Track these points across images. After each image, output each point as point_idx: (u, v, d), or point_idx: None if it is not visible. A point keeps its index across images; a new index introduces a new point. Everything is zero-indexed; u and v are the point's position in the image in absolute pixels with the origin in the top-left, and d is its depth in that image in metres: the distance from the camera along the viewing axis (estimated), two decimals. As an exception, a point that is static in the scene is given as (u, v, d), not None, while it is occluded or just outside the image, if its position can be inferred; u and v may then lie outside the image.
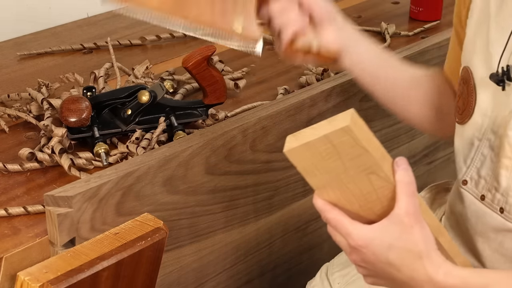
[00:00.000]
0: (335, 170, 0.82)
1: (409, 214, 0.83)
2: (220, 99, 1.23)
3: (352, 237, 0.84)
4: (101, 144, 1.15)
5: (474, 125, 1.00)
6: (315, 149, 0.81)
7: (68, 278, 0.91)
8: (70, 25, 1.60)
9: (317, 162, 0.82)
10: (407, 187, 0.83)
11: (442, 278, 0.84)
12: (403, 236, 0.83)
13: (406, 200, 0.83)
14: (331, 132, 0.80)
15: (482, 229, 1.00)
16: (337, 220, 0.85)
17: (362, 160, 0.81)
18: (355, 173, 0.82)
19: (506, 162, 0.95)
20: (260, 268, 1.32)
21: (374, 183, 0.83)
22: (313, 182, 0.85)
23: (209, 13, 0.96)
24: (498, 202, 0.97)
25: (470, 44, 1.02)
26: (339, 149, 0.80)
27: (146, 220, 1.03)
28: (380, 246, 0.84)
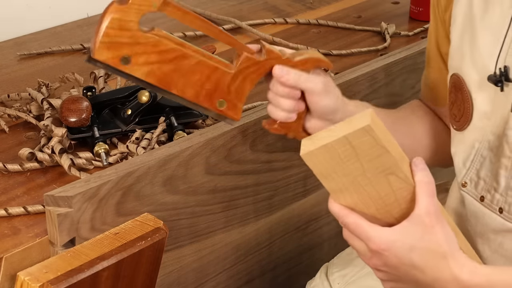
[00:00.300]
0: (353, 172, 0.82)
1: (430, 214, 0.83)
2: (220, 99, 1.23)
3: (373, 240, 0.83)
4: (101, 144, 1.15)
5: (474, 129, 1.00)
6: (333, 151, 0.80)
7: (68, 278, 0.91)
8: (70, 25, 1.60)
9: (334, 164, 0.81)
10: (427, 187, 0.83)
11: (467, 277, 0.83)
12: (425, 236, 0.83)
13: (426, 200, 0.82)
14: (351, 132, 0.79)
15: (481, 230, 1.00)
16: (356, 224, 0.84)
17: (381, 160, 0.80)
18: (374, 174, 0.82)
19: (505, 161, 0.95)
20: (260, 268, 1.32)
21: (392, 185, 0.82)
22: (330, 186, 0.84)
23: (194, 91, 0.95)
24: (497, 202, 0.97)
25: (457, 51, 1.02)
26: (358, 150, 0.80)
27: (146, 220, 1.03)
28: (403, 248, 0.83)
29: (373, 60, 1.39)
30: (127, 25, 0.89)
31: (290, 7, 1.70)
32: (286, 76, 0.96)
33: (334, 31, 1.60)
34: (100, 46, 0.88)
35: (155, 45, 0.91)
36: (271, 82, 0.98)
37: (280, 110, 0.98)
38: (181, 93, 0.94)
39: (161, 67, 0.92)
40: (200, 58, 0.94)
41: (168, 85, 0.93)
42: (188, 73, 0.94)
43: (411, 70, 1.42)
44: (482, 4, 0.98)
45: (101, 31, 0.88)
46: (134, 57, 0.90)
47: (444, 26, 1.07)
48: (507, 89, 0.94)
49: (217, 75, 0.96)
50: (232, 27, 1.58)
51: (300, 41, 1.52)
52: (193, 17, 0.93)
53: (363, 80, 1.33)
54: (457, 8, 1.03)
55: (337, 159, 0.81)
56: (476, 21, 0.99)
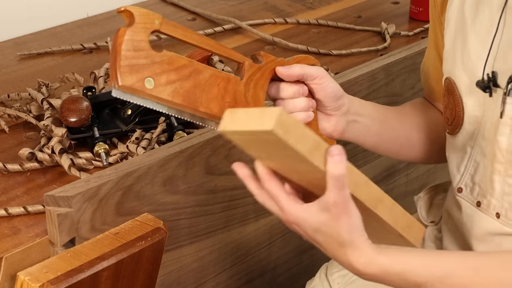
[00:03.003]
0: (270, 151, 0.83)
1: (337, 205, 0.83)
2: (220, 99, 1.23)
3: (284, 212, 0.86)
4: (101, 144, 1.15)
5: (466, 134, 1.01)
6: (248, 137, 0.82)
7: (68, 278, 0.91)
8: (70, 25, 1.60)
9: (251, 143, 0.84)
10: (336, 180, 0.82)
11: (362, 267, 0.86)
12: (329, 223, 0.85)
13: (334, 192, 0.83)
14: (258, 130, 0.79)
15: (478, 233, 1.01)
16: (274, 193, 0.86)
17: (292, 154, 0.81)
18: (288, 158, 0.83)
19: (498, 167, 0.95)
20: (260, 268, 1.32)
21: (306, 169, 0.84)
22: (252, 154, 0.86)
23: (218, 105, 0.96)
24: (494, 207, 0.97)
25: (450, 54, 1.02)
26: (270, 142, 0.81)
27: (146, 220, 1.03)
28: (309, 227, 0.86)
29: (373, 60, 1.39)
30: (140, 45, 0.89)
31: (290, 7, 1.70)
32: (291, 70, 0.99)
33: (334, 31, 1.60)
34: (123, 70, 0.88)
35: (170, 62, 0.92)
36: (280, 89, 1.00)
37: (297, 112, 1.00)
38: (208, 110, 0.95)
39: (182, 85, 0.92)
40: (212, 70, 0.95)
41: (194, 103, 0.94)
42: (207, 87, 0.94)
43: (411, 70, 1.42)
44: (473, 8, 0.98)
45: (118, 56, 0.88)
46: (156, 77, 0.90)
47: (441, 28, 1.07)
48: (496, 95, 0.94)
49: (232, 86, 0.97)
50: (232, 27, 1.58)
51: (300, 41, 1.52)
52: (191, 33, 0.95)
53: (363, 80, 1.33)
54: (450, 11, 1.03)
55: (253, 143, 0.83)
56: (467, 25, 0.99)
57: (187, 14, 1.66)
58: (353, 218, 0.84)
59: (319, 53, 1.49)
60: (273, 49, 1.52)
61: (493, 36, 0.95)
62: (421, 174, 1.58)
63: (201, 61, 1.19)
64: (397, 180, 1.52)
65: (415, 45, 1.44)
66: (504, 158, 0.94)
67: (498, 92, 0.94)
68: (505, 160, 0.94)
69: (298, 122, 0.80)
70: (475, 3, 0.98)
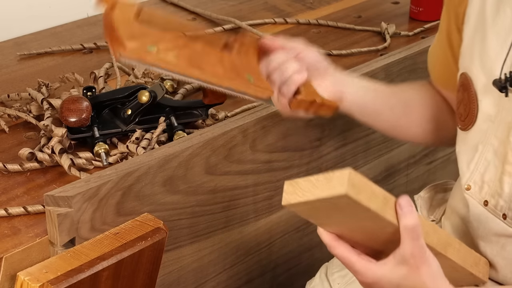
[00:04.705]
0: (338, 215, 0.83)
1: (415, 256, 0.84)
2: (220, 99, 1.23)
3: (360, 274, 0.86)
4: (101, 144, 1.15)
5: (478, 131, 1.00)
6: (315, 206, 0.81)
7: (68, 278, 0.91)
8: (70, 25, 1.60)
9: (318, 213, 0.83)
10: (411, 232, 0.83)
11: None
12: (410, 276, 0.85)
13: (411, 244, 0.84)
14: (329, 196, 0.78)
15: (483, 233, 1.00)
16: (344, 257, 0.86)
17: (364, 214, 0.81)
18: (358, 221, 0.83)
19: (509, 169, 0.95)
20: (260, 268, 1.32)
21: (378, 225, 0.84)
22: (316, 222, 0.86)
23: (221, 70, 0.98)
24: (501, 208, 0.97)
25: (468, 50, 1.02)
26: (340, 207, 0.80)
27: (146, 220, 1.03)
28: (389, 284, 0.85)
29: (373, 60, 1.39)
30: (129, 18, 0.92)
31: (290, 7, 1.70)
32: (275, 40, 1.06)
33: (334, 31, 1.60)
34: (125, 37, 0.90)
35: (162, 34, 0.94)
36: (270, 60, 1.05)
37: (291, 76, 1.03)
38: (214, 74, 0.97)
39: (181, 53, 0.94)
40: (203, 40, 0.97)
41: (199, 66, 0.95)
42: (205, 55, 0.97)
43: (411, 70, 1.42)
44: (494, 7, 0.97)
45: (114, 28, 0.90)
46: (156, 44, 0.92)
47: (457, 20, 1.06)
48: None
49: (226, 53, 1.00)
50: (232, 27, 1.58)
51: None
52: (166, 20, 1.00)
53: (363, 80, 1.33)
54: (471, 7, 1.02)
55: (319, 210, 0.82)
56: (487, 23, 0.98)
57: (187, 14, 1.66)
58: (433, 266, 0.85)
59: (319, 53, 1.49)
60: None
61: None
62: (421, 174, 1.58)
63: None
64: (397, 180, 1.52)
65: (415, 45, 1.43)
66: None
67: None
68: None
69: (366, 180, 0.79)
70: (496, 2, 0.97)
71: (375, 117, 1.14)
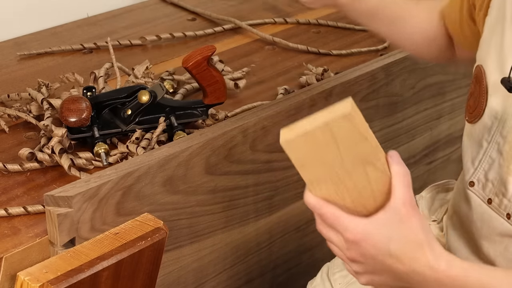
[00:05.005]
0: (332, 161, 0.82)
1: (406, 204, 0.83)
2: (220, 99, 1.23)
3: (350, 230, 0.83)
4: (101, 144, 1.15)
5: (483, 126, 0.99)
6: (313, 138, 0.80)
7: (68, 278, 0.91)
8: (70, 25, 1.60)
9: (314, 153, 0.82)
10: (403, 178, 0.83)
11: (444, 267, 0.83)
12: (402, 226, 0.83)
13: (403, 190, 0.83)
14: (331, 119, 0.79)
15: (487, 233, 1.00)
16: (333, 214, 0.83)
17: (360, 149, 0.81)
18: (352, 164, 0.82)
19: None
20: (260, 268, 1.32)
21: (370, 175, 0.83)
22: (308, 176, 0.84)
23: None
24: (505, 207, 0.96)
25: (486, 43, 1.01)
26: (338, 137, 0.80)
27: (146, 220, 1.03)
28: (380, 238, 0.83)
29: (373, 60, 1.39)
30: None
31: (290, 7, 1.70)
32: None
33: (334, 31, 1.60)
34: None
35: None
36: None
37: None
38: None
39: None
40: None
41: None
42: None
43: (411, 70, 1.42)
44: None
45: None
46: None
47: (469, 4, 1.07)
48: None
49: None
50: (232, 27, 1.58)
51: (300, 41, 1.52)
52: None
53: (363, 80, 1.33)
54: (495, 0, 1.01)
55: (317, 147, 0.81)
56: (506, 19, 0.97)
57: (187, 14, 1.66)
58: (423, 218, 0.84)
59: (319, 53, 1.49)
60: (273, 49, 1.52)
61: None
62: (421, 174, 1.58)
63: (201, 60, 1.19)
64: (397, 180, 1.52)
65: (415, 45, 1.43)
66: None
67: None
68: None
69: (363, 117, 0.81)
70: None
71: (371, 16, 1.17)
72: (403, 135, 1.49)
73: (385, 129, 1.44)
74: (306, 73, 1.41)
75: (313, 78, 1.37)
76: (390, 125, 1.45)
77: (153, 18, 1.63)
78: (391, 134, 1.46)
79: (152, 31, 1.54)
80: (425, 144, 1.56)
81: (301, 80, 1.38)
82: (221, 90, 1.22)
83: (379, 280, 0.86)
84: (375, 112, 1.39)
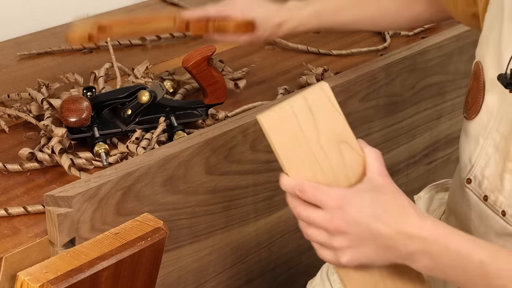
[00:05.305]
0: (309, 140, 0.84)
1: (383, 175, 0.85)
2: (220, 99, 1.23)
3: (334, 197, 0.83)
4: (101, 144, 1.15)
5: (480, 123, 1.00)
6: (290, 113, 0.83)
7: (68, 278, 0.91)
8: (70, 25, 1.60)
9: (291, 130, 0.84)
10: (377, 156, 0.86)
11: (430, 227, 0.84)
12: (382, 192, 0.85)
13: (378, 164, 0.86)
14: (307, 92, 0.84)
15: (484, 232, 1.00)
16: (314, 186, 0.84)
17: (335, 125, 0.84)
18: (327, 143, 0.84)
19: (510, 166, 0.95)
20: (260, 268, 1.32)
21: (344, 155, 0.85)
22: (286, 159, 0.85)
23: None
24: (501, 204, 0.96)
25: (485, 40, 1.01)
26: (314, 109, 0.83)
27: (146, 220, 1.03)
28: (364, 201, 0.84)
29: (373, 60, 1.39)
30: None
31: (290, 7, 1.70)
32: None
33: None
34: None
35: None
36: None
37: None
38: None
39: None
40: None
41: None
42: None
43: (411, 70, 1.42)
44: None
45: None
46: None
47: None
48: None
49: None
50: (232, 27, 1.58)
51: (300, 41, 1.52)
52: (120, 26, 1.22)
53: (363, 80, 1.33)
54: None
55: (293, 123, 0.84)
56: (505, 15, 0.97)
57: (187, 14, 1.66)
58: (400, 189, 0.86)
59: (319, 53, 1.49)
60: (273, 49, 1.52)
61: None
62: (421, 174, 1.58)
63: (201, 60, 1.19)
64: (397, 180, 1.52)
65: (415, 45, 1.43)
66: None
67: None
68: None
69: None
70: None
71: None
72: (403, 135, 1.49)
73: (385, 129, 1.44)
74: (306, 73, 1.41)
75: (313, 78, 1.37)
76: (390, 125, 1.45)
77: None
78: (391, 134, 1.46)
79: (152, 31, 1.54)
80: (425, 144, 1.56)
81: (301, 80, 1.39)
82: (221, 90, 1.22)
83: (363, 254, 0.85)
84: (375, 112, 1.39)
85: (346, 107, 1.32)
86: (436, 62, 1.47)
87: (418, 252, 0.83)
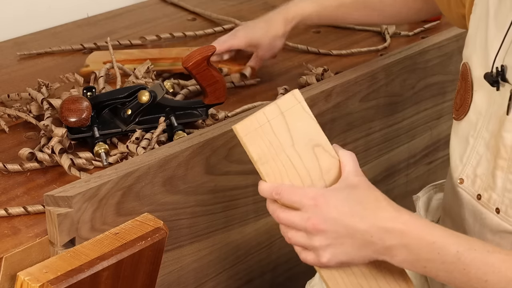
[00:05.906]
0: (284, 145, 0.86)
1: (359, 174, 0.87)
2: (220, 99, 1.23)
3: (311, 196, 0.85)
4: (101, 144, 1.15)
5: (469, 123, 1.00)
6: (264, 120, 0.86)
7: (68, 278, 0.91)
8: (70, 25, 1.60)
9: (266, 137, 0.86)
10: (352, 157, 0.88)
11: (407, 219, 0.85)
12: (358, 189, 0.86)
13: (353, 165, 0.87)
14: (279, 100, 0.87)
15: (479, 231, 1.00)
16: (291, 188, 0.86)
17: (308, 129, 0.86)
18: (302, 147, 0.86)
19: (501, 163, 0.95)
20: (260, 268, 1.32)
21: (319, 158, 0.87)
22: (262, 167, 0.88)
23: None
24: (494, 202, 0.97)
25: (471, 41, 1.02)
26: (287, 115, 0.86)
27: (146, 220, 1.03)
28: (340, 198, 0.85)
29: (373, 60, 1.39)
30: None
31: (290, 7, 1.70)
32: None
33: (334, 31, 1.60)
34: None
35: None
36: None
37: None
38: None
39: None
40: None
41: None
42: None
43: (411, 70, 1.42)
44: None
45: None
46: None
47: None
48: (504, 89, 0.94)
49: None
50: (232, 27, 1.58)
51: (300, 41, 1.52)
52: None
53: (363, 80, 1.33)
54: None
55: (268, 131, 0.86)
56: (490, 14, 0.97)
57: (187, 14, 1.66)
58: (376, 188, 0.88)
59: (319, 53, 1.49)
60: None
61: (507, 29, 0.94)
62: (421, 174, 1.58)
63: (201, 60, 1.19)
64: (397, 180, 1.52)
65: (415, 45, 1.44)
66: (507, 155, 0.94)
67: (506, 87, 0.93)
68: (509, 157, 0.94)
69: None
70: None
71: None
72: (403, 135, 1.49)
73: (385, 129, 1.44)
74: (306, 73, 1.41)
75: (313, 78, 1.37)
76: (390, 125, 1.45)
77: (153, 18, 1.63)
78: (391, 134, 1.46)
79: (152, 31, 1.54)
80: (425, 144, 1.56)
81: (301, 80, 1.38)
82: (221, 90, 1.22)
83: (342, 251, 0.86)
84: (375, 112, 1.39)
85: (346, 107, 1.32)
86: (436, 62, 1.47)
87: (396, 246, 0.84)
